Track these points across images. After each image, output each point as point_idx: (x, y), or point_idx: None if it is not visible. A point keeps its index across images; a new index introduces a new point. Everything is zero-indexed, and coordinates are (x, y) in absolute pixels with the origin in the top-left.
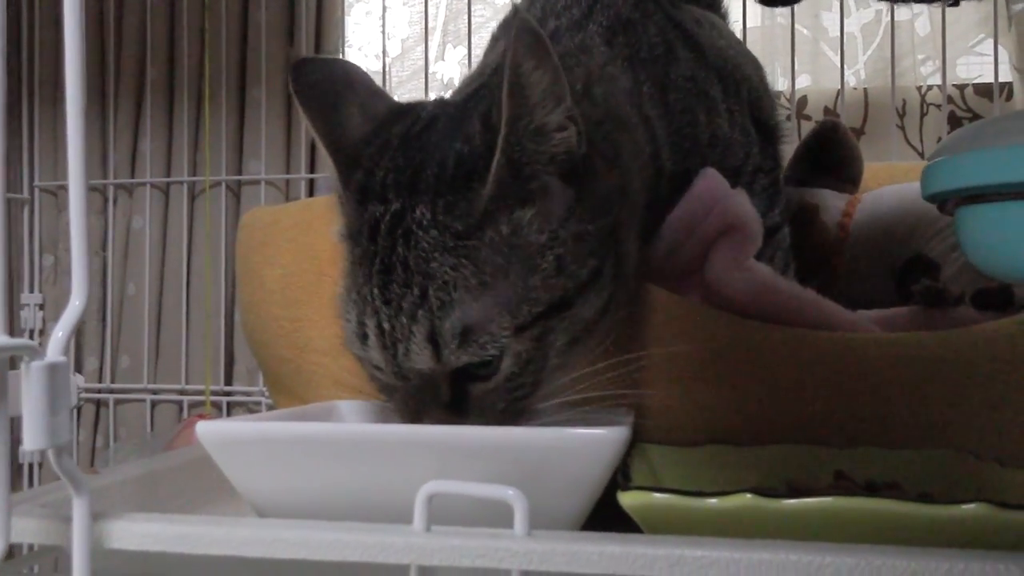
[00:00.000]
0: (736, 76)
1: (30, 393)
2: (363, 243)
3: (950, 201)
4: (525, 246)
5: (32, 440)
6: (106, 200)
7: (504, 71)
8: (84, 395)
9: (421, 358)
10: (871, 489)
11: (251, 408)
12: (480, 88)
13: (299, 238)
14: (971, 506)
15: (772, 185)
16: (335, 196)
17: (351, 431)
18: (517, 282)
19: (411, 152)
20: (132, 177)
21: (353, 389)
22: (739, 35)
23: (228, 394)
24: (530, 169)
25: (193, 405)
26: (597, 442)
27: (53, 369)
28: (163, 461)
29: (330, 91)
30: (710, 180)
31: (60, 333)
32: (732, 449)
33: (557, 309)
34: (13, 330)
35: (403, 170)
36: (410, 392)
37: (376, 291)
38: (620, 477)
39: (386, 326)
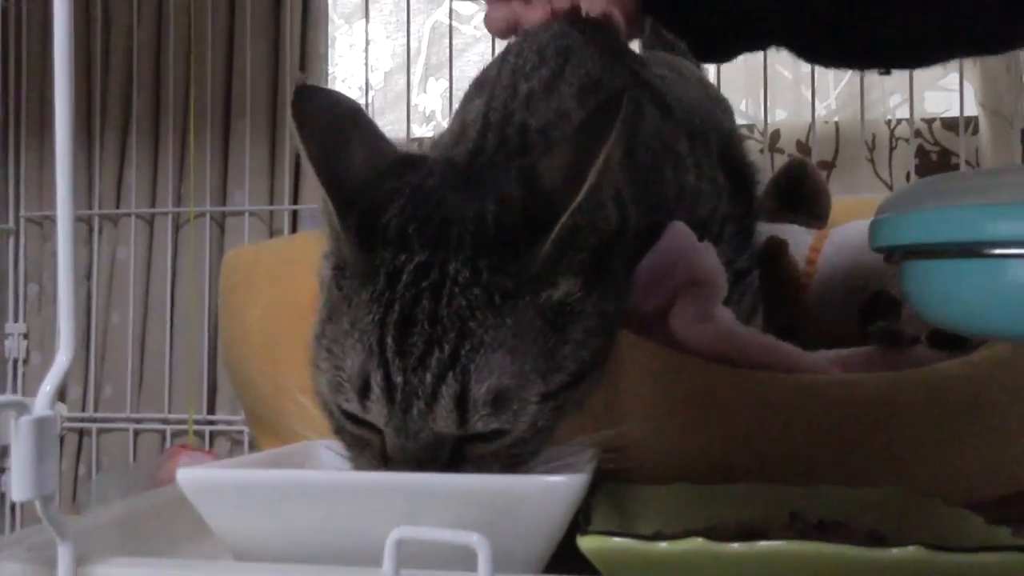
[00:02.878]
0: (704, 128)
1: (19, 446)
2: (375, 288)
3: (895, 254)
4: (565, 315)
5: (20, 491)
6: (91, 230)
7: (595, 146)
8: (67, 424)
9: (446, 421)
10: (822, 528)
11: (234, 437)
12: (479, 150)
13: (279, 278)
14: (910, 549)
15: (741, 231)
16: (320, 232)
17: (324, 479)
18: (551, 349)
19: (430, 205)
20: (117, 207)
21: (329, 433)
22: (713, 72)
23: (211, 423)
24: (583, 240)
25: (176, 434)
26: (556, 489)
27: (41, 423)
28: (145, 500)
29: (334, 125)
30: (677, 234)
31: (48, 387)
32: (697, 488)
33: (578, 380)
34: None
35: (426, 221)
36: (409, 451)
37: (391, 342)
38: (581, 520)
39: (398, 380)
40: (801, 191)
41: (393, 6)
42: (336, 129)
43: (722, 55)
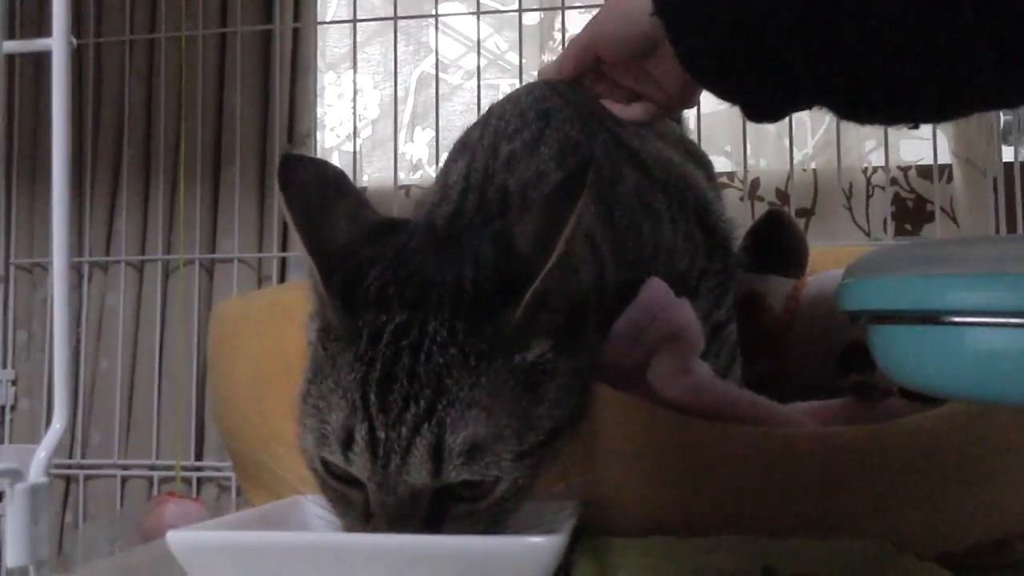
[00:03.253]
0: (681, 185)
1: (13, 513)
2: (358, 348)
3: (862, 317)
4: (538, 375)
5: (14, 557)
6: (81, 277)
7: (564, 215)
8: (54, 471)
9: (420, 472)
10: None
11: (221, 483)
12: (459, 212)
13: (267, 332)
14: None
15: (719, 285)
16: (308, 284)
17: (311, 541)
18: (525, 409)
19: (410, 267)
20: (107, 255)
21: (316, 485)
22: (693, 121)
23: (198, 469)
24: (555, 303)
25: (164, 481)
26: (536, 549)
27: (35, 490)
28: (134, 557)
29: (318, 193)
30: (654, 290)
31: (42, 454)
32: (676, 540)
33: (552, 438)
34: None
35: (406, 283)
36: (389, 506)
37: (373, 398)
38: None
39: (380, 435)
40: (778, 241)
41: (380, 56)
42: (320, 197)
43: (772, 116)
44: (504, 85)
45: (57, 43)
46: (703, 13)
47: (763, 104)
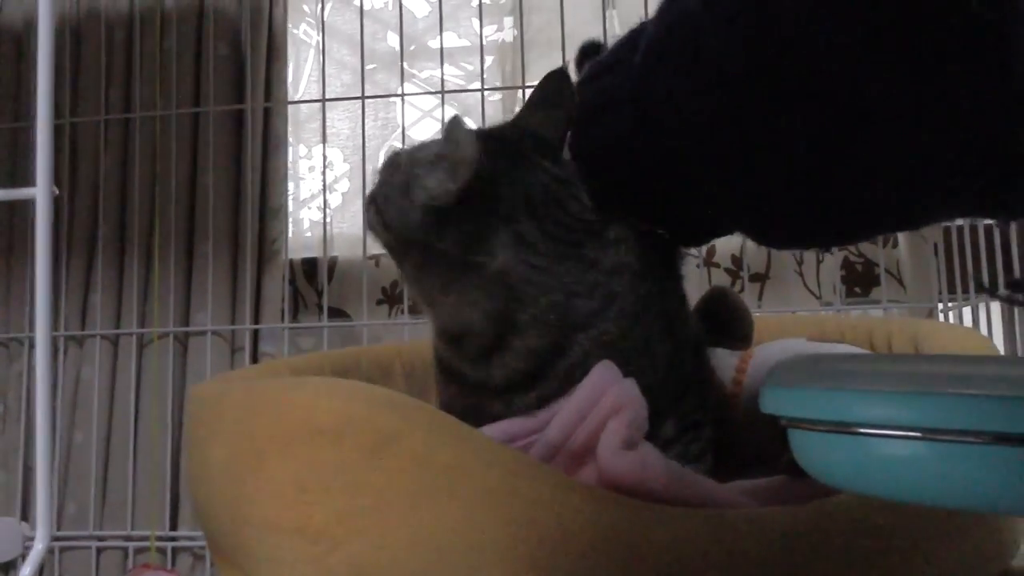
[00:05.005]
0: None
1: None
2: None
3: (780, 420)
4: None
5: None
6: (56, 350)
7: None
8: (30, 544)
9: None
10: None
11: (196, 553)
12: None
13: (241, 419)
14: None
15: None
16: (280, 362)
17: None
18: None
19: None
20: (83, 328)
21: (288, 567)
22: None
23: (173, 539)
24: None
25: (139, 551)
26: None
27: None
28: None
29: None
30: (603, 370)
31: (26, 571)
32: None
33: None
34: None
35: None
36: None
37: None
38: None
39: None
40: (722, 316)
41: (349, 131)
42: None
43: (693, 242)
44: None
45: (41, 192)
46: (620, 156)
47: (684, 235)
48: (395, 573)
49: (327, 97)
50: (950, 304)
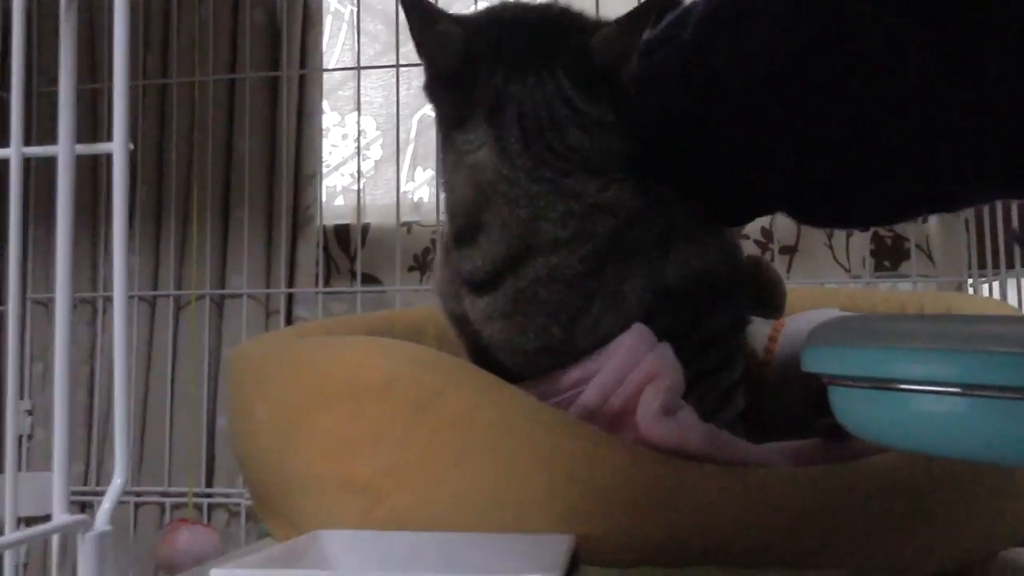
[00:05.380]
0: None
1: (84, 557)
2: None
3: (822, 378)
4: None
5: None
6: (95, 311)
7: None
8: (72, 498)
9: None
10: None
11: (231, 509)
12: None
13: (286, 377)
14: None
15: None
16: (319, 323)
17: None
18: None
19: None
20: None
21: (334, 518)
22: None
23: (209, 495)
24: None
25: (175, 507)
26: None
27: (102, 536)
28: None
29: None
30: (639, 334)
31: (106, 505)
32: (661, 570)
33: None
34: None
35: None
36: None
37: None
38: None
39: None
40: (757, 285)
41: (383, 99)
42: None
43: (739, 222)
44: None
45: (117, 146)
46: (670, 130)
47: (729, 212)
48: (438, 525)
49: (362, 65)
50: (980, 278)
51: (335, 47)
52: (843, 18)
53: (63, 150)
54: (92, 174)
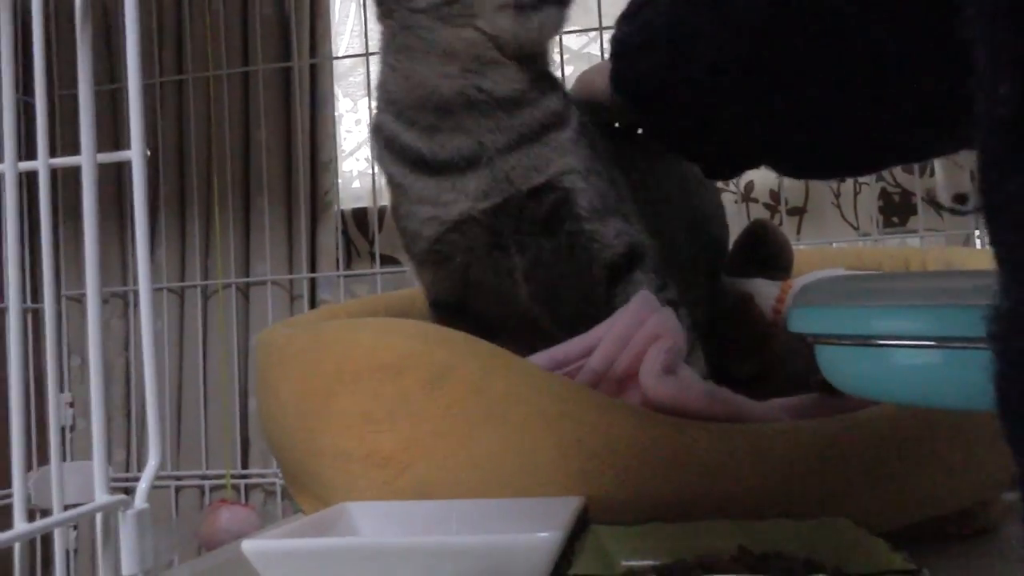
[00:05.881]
0: None
1: (125, 534)
2: None
3: (808, 338)
4: None
5: (128, 567)
6: (127, 305)
7: None
8: (113, 485)
9: None
10: (764, 559)
11: (266, 488)
12: None
13: (309, 359)
14: None
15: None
16: (341, 306)
17: (363, 545)
18: None
19: None
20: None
21: (359, 491)
22: None
23: (245, 476)
24: None
25: (213, 488)
26: (535, 545)
27: (141, 514)
28: (202, 563)
29: None
30: (643, 299)
31: (143, 485)
32: (667, 525)
33: None
34: (44, 428)
35: None
36: None
37: None
38: (563, 566)
39: None
40: (764, 248)
41: None
42: None
43: (728, 175)
44: None
45: (136, 155)
46: (657, 89)
47: (718, 166)
48: (457, 491)
49: (370, 51)
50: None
51: (344, 34)
52: None
53: (86, 160)
54: (117, 170)
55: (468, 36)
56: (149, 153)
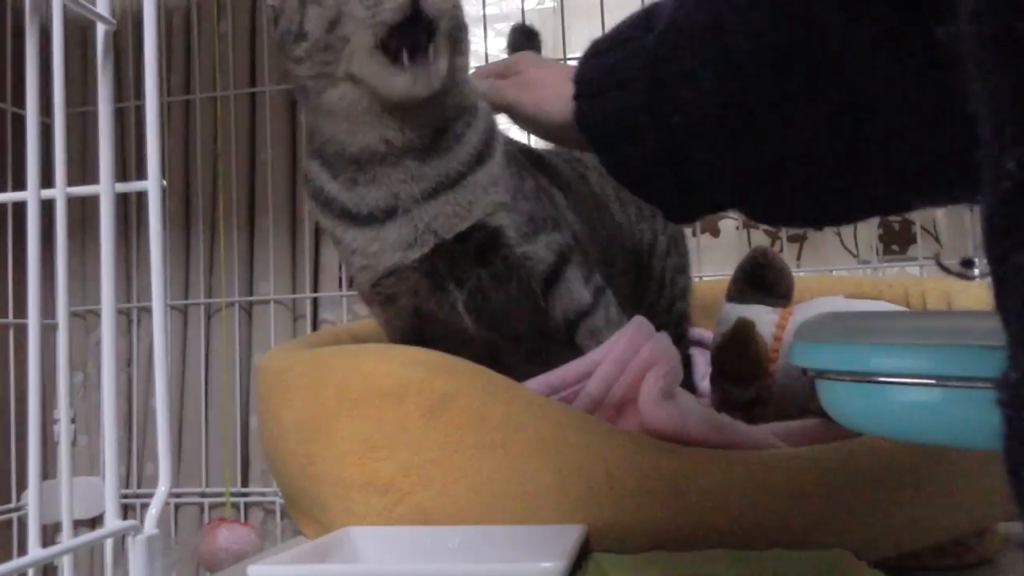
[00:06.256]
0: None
1: (135, 557)
2: None
3: (808, 372)
4: None
5: None
6: (130, 322)
7: None
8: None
9: None
10: None
11: (266, 507)
12: None
13: (309, 386)
14: None
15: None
16: (341, 329)
17: (363, 572)
18: None
19: None
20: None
21: (359, 517)
22: None
23: (245, 494)
24: None
25: (213, 506)
26: (539, 575)
27: (151, 539)
28: None
29: None
30: (638, 325)
31: (153, 511)
32: (669, 554)
33: None
34: (45, 444)
35: None
36: None
37: None
38: None
39: None
40: (764, 275)
41: None
42: None
43: (688, 219)
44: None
45: (152, 184)
46: (627, 130)
47: (682, 210)
48: (457, 519)
49: None
50: (986, 260)
51: None
52: (815, 25)
53: (104, 190)
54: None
55: (345, 94)
56: (165, 185)
